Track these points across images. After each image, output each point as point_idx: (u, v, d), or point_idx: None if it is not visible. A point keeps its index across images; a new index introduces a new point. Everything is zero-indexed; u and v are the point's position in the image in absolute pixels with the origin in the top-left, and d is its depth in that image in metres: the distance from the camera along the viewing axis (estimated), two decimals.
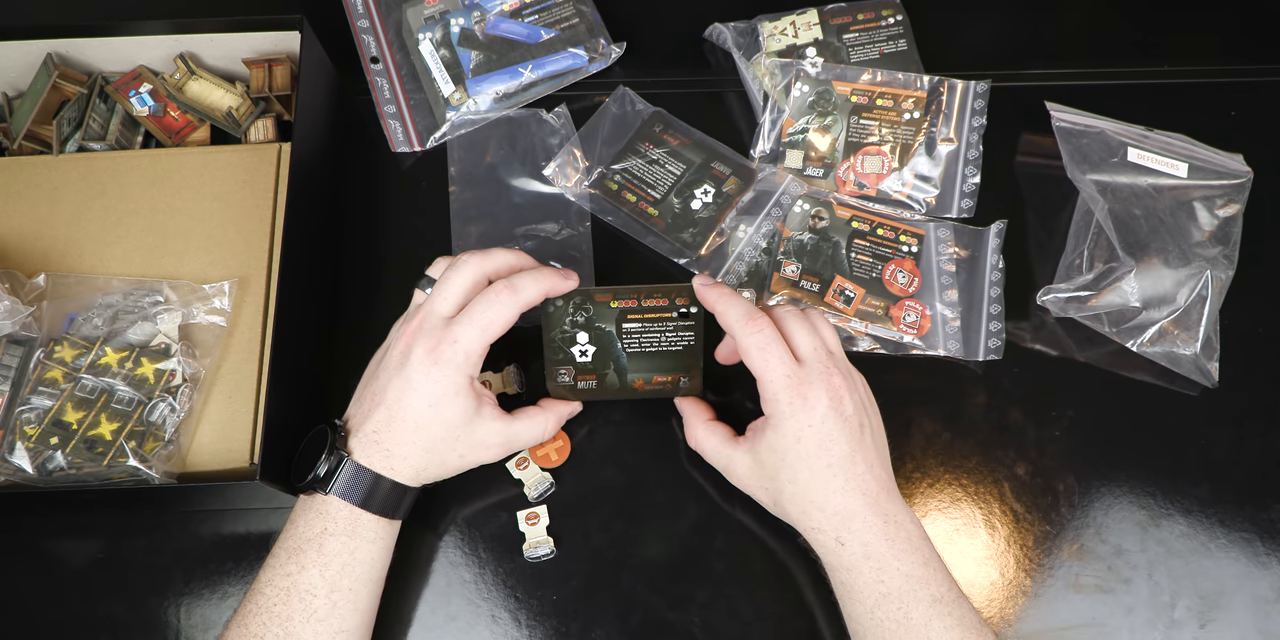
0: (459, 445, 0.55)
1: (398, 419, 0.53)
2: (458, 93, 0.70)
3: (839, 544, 0.52)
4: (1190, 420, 0.63)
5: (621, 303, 0.58)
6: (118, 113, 0.69)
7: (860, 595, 0.52)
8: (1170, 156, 0.67)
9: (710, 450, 0.58)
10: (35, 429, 0.57)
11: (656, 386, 0.60)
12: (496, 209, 0.68)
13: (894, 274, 0.66)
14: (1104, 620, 0.58)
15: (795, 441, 0.52)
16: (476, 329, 0.53)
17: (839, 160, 0.70)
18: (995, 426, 0.63)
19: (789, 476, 0.53)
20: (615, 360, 0.60)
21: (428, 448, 0.54)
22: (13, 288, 0.61)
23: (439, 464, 0.55)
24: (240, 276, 0.63)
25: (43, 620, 0.59)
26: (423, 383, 0.53)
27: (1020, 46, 0.76)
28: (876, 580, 0.51)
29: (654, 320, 0.59)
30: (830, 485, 0.52)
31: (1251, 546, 0.60)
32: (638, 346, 0.59)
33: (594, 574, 0.59)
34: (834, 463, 0.52)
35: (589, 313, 0.59)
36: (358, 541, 0.53)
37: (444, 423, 0.53)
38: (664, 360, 0.59)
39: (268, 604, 0.51)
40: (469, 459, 0.56)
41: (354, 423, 0.55)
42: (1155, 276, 0.63)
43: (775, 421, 0.53)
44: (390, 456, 0.53)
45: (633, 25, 0.75)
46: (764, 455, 0.54)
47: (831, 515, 0.52)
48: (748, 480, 0.56)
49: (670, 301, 0.58)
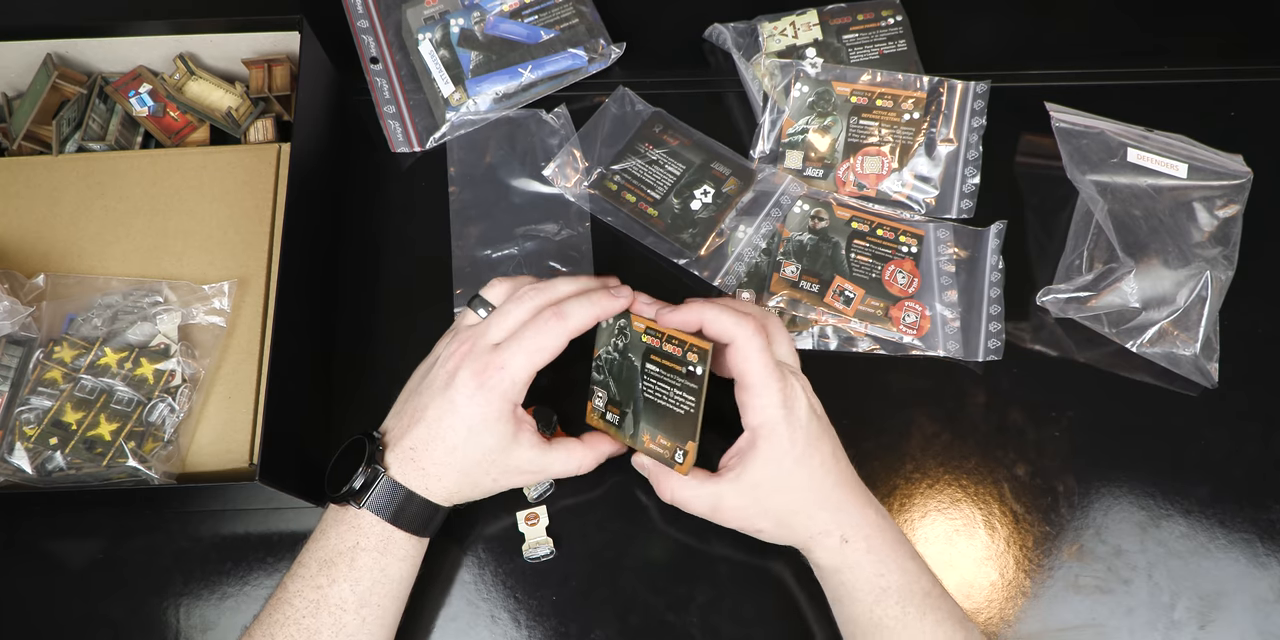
0: (493, 470, 0.54)
1: (436, 439, 0.53)
2: (457, 93, 0.70)
3: (843, 542, 0.52)
4: (1190, 421, 0.63)
5: (650, 339, 0.55)
6: (117, 113, 0.69)
7: (860, 594, 0.52)
8: (1170, 157, 0.67)
9: (690, 497, 0.54)
10: (35, 429, 0.57)
11: (656, 449, 0.56)
12: (496, 209, 0.68)
13: (894, 274, 0.66)
14: (1104, 621, 0.58)
15: (791, 446, 0.52)
16: (524, 355, 0.53)
17: (839, 161, 0.70)
18: (995, 427, 0.63)
19: (794, 484, 0.53)
20: (635, 401, 0.56)
21: (463, 470, 0.53)
22: (12, 288, 0.61)
23: (472, 486, 0.55)
24: (240, 277, 0.63)
25: (42, 620, 0.59)
26: (466, 406, 0.52)
27: (1020, 47, 0.76)
28: (877, 574, 0.52)
29: (668, 369, 0.54)
30: (826, 482, 0.53)
31: (1251, 547, 0.60)
32: (652, 394, 0.55)
33: (594, 575, 0.59)
34: (825, 460, 0.53)
35: (627, 338, 0.56)
36: (389, 559, 0.52)
37: (482, 448, 0.53)
38: (668, 420, 0.55)
39: (296, 616, 0.51)
40: (501, 483, 0.56)
41: (392, 436, 0.54)
42: (1155, 277, 0.63)
43: (767, 431, 0.52)
44: (426, 475, 0.53)
45: (632, 25, 0.75)
46: (759, 475, 0.52)
47: (835, 512, 0.53)
48: (745, 511, 0.54)
49: (683, 353, 0.53)
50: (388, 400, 0.57)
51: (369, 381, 0.64)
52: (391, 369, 0.64)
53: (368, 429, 0.55)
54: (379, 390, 0.64)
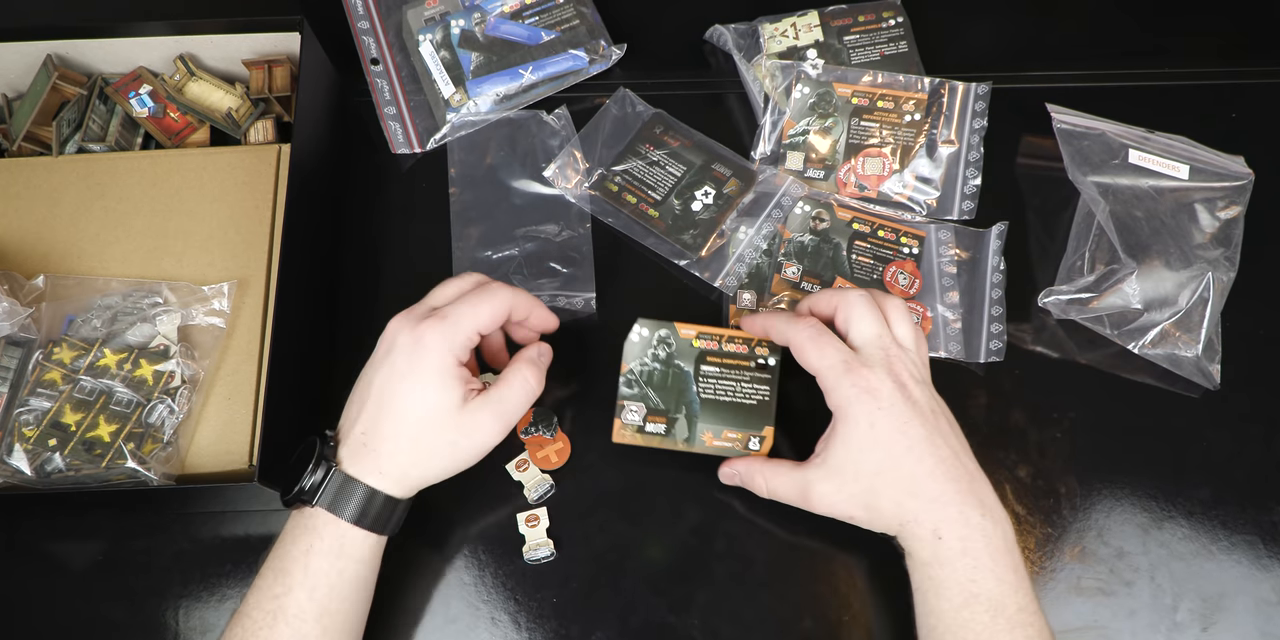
0: (447, 432, 0.52)
1: (384, 412, 0.51)
2: (458, 94, 0.70)
3: (936, 538, 0.50)
4: (1192, 422, 0.63)
5: (704, 343, 0.58)
6: (117, 114, 0.69)
7: (949, 592, 0.50)
8: (1171, 158, 0.67)
9: (784, 487, 0.54)
10: (34, 430, 0.57)
11: (725, 444, 0.58)
12: (497, 211, 0.68)
13: (895, 275, 0.66)
14: (1106, 623, 0.58)
15: (869, 427, 0.51)
16: (466, 307, 0.52)
17: (840, 162, 0.70)
18: (996, 428, 0.63)
19: (873, 468, 0.51)
20: (688, 405, 0.58)
21: (414, 437, 0.51)
22: (12, 289, 0.61)
23: (429, 457, 0.52)
24: (239, 278, 0.63)
25: (42, 622, 0.59)
26: (406, 364, 0.51)
27: (1021, 48, 0.76)
28: (969, 579, 0.50)
29: (731, 367, 0.58)
30: (919, 469, 0.51)
31: (1254, 549, 0.60)
32: (712, 393, 0.58)
33: (594, 576, 0.59)
34: (914, 445, 0.51)
35: (671, 348, 0.58)
36: (344, 561, 0.51)
37: (430, 406, 0.51)
38: (736, 414, 0.57)
39: (254, 628, 0.49)
40: (461, 448, 0.52)
41: (343, 430, 0.53)
42: (1157, 278, 0.63)
43: (843, 414, 0.52)
44: (379, 456, 0.51)
45: (633, 27, 0.75)
46: (840, 458, 0.52)
47: (928, 502, 0.50)
48: (832, 497, 0.52)
49: (750, 349, 0.58)
50: None
51: None
52: None
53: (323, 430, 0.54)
54: None
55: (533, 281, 0.65)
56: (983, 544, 0.50)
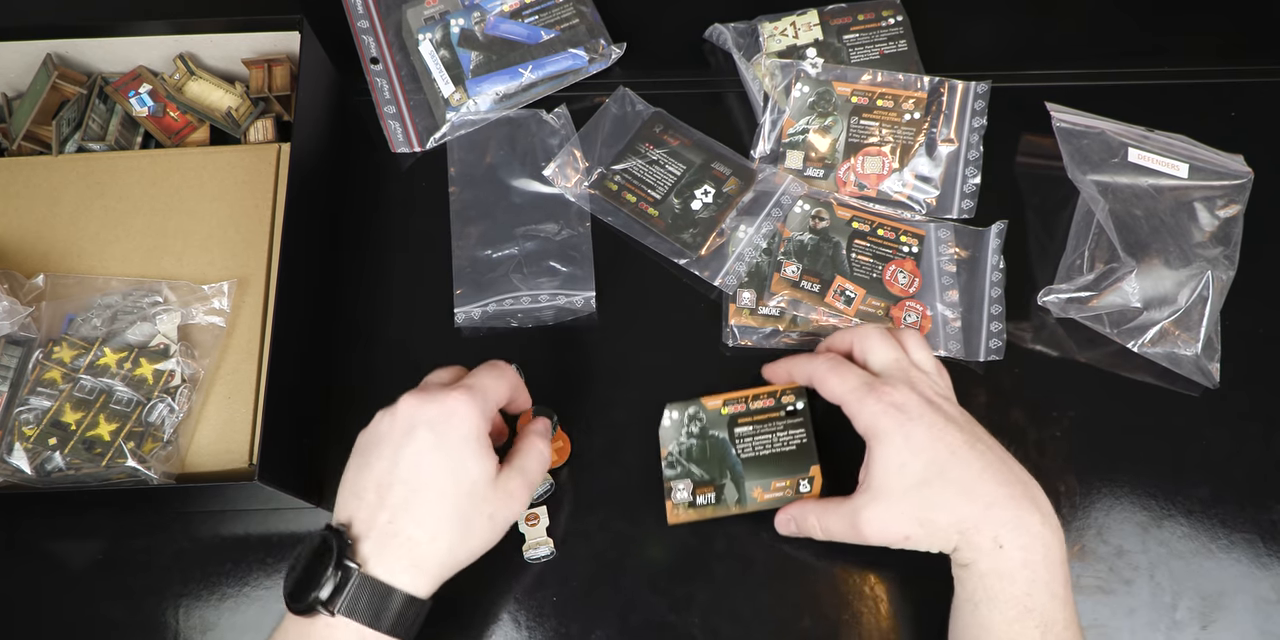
0: (486, 504, 0.49)
1: (418, 489, 0.47)
2: (458, 93, 0.70)
3: (998, 546, 0.48)
4: (1191, 421, 0.63)
5: (732, 408, 0.60)
6: (117, 113, 0.69)
7: (1004, 606, 0.48)
8: (1171, 157, 0.67)
9: (836, 524, 0.52)
10: (34, 430, 0.57)
11: (777, 494, 0.58)
12: (496, 209, 0.68)
13: (894, 274, 0.66)
14: (1106, 621, 0.58)
15: (905, 440, 0.50)
16: (489, 379, 0.51)
17: (839, 161, 0.70)
18: (996, 427, 0.63)
19: (918, 479, 0.49)
20: (731, 468, 0.59)
21: (454, 515, 0.48)
22: (12, 288, 0.61)
23: (467, 533, 0.49)
24: (239, 277, 0.63)
25: (41, 621, 0.59)
26: (437, 437, 0.48)
27: (1021, 47, 0.76)
28: (1025, 593, 0.48)
29: (764, 422, 0.59)
30: (966, 473, 0.49)
31: (1253, 547, 0.60)
32: (752, 451, 0.59)
33: (594, 575, 0.59)
34: (958, 450, 0.49)
35: (703, 421, 0.60)
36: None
37: (471, 478, 0.48)
38: (779, 463, 0.58)
39: None
40: (497, 520, 0.50)
41: (360, 520, 0.48)
42: (1156, 277, 0.63)
43: (875, 433, 0.51)
44: (415, 544, 0.47)
45: (633, 26, 0.75)
46: (881, 478, 0.50)
47: (985, 508, 0.48)
48: (882, 519, 0.50)
49: (776, 400, 0.59)
50: (387, 401, 0.57)
51: (369, 382, 0.64)
52: (391, 369, 0.65)
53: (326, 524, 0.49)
54: (379, 391, 0.64)
55: (532, 280, 0.65)
56: (1042, 555, 0.48)
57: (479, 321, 0.65)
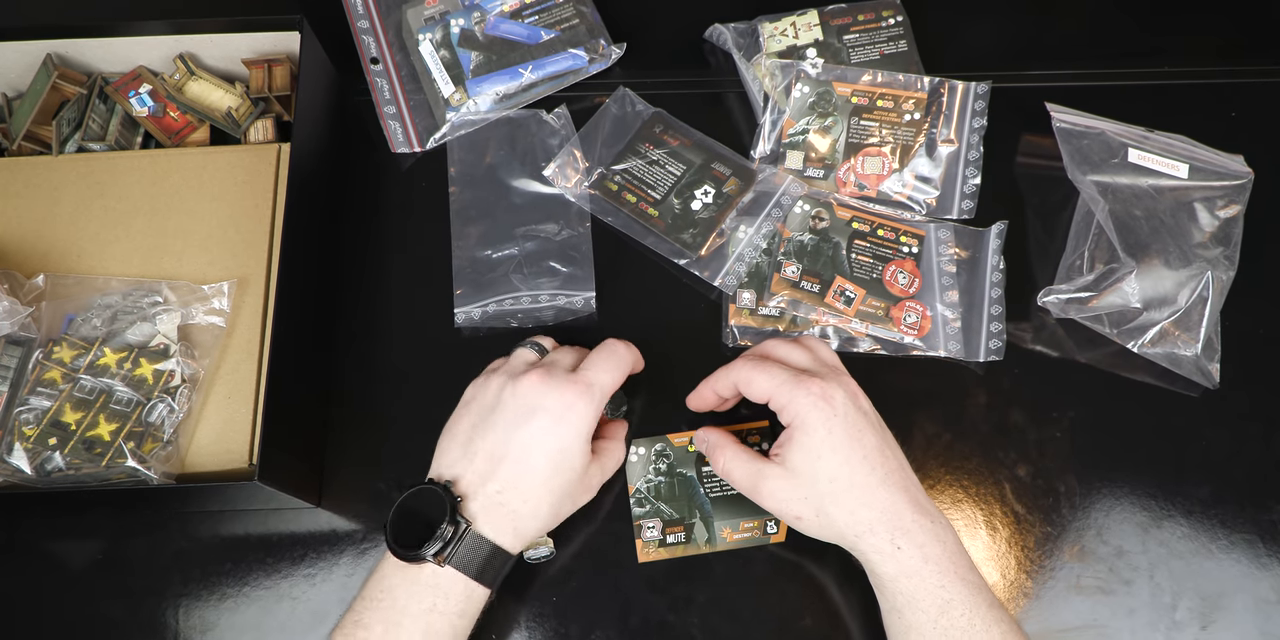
0: (576, 492, 0.55)
1: (528, 473, 0.52)
2: (458, 93, 0.70)
3: (895, 548, 0.51)
4: (1191, 421, 0.63)
5: None
6: (117, 113, 0.69)
7: (923, 604, 0.50)
8: (1171, 157, 0.67)
9: (740, 472, 0.55)
10: (34, 430, 0.57)
11: (745, 535, 0.59)
12: (496, 210, 0.68)
13: (894, 275, 0.66)
14: (1105, 622, 0.58)
15: (827, 434, 0.52)
16: (605, 373, 0.54)
17: (839, 161, 0.70)
18: (996, 427, 0.63)
19: (828, 475, 0.52)
20: (700, 508, 0.60)
21: (556, 500, 0.53)
22: (12, 288, 0.61)
23: (556, 515, 0.54)
24: (239, 277, 0.63)
25: (41, 621, 0.59)
26: (555, 427, 0.52)
27: (1021, 47, 0.76)
28: (939, 585, 0.50)
29: None
30: (871, 479, 0.52)
31: (1253, 548, 0.60)
32: (720, 490, 0.60)
33: (594, 575, 0.59)
34: (869, 454, 0.52)
35: (670, 458, 0.60)
36: (464, 620, 0.51)
37: (575, 471, 0.53)
38: (747, 502, 0.57)
39: None
40: (577, 504, 0.56)
41: (469, 483, 0.52)
42: (1156, 277, 0.63)
43: (801, 421, 0.52)
44: (517, 516, 0.52)
45: (633, 26, 0.75)
46: (798, 462, 0.52)
47: (881, 513, 0.51)
48: (782, 495, 0.53)
49: (743, 439, 0.60)
50: (387, 401, 0.57)
51: (369, 381, 0.64)
52: (391, 369, 0.64)
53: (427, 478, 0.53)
54: (379, 390, 0.64)
55: (532, 281, 0.65)
56: (940, 549, 0.51)
57: (479, 321, 0.65)
